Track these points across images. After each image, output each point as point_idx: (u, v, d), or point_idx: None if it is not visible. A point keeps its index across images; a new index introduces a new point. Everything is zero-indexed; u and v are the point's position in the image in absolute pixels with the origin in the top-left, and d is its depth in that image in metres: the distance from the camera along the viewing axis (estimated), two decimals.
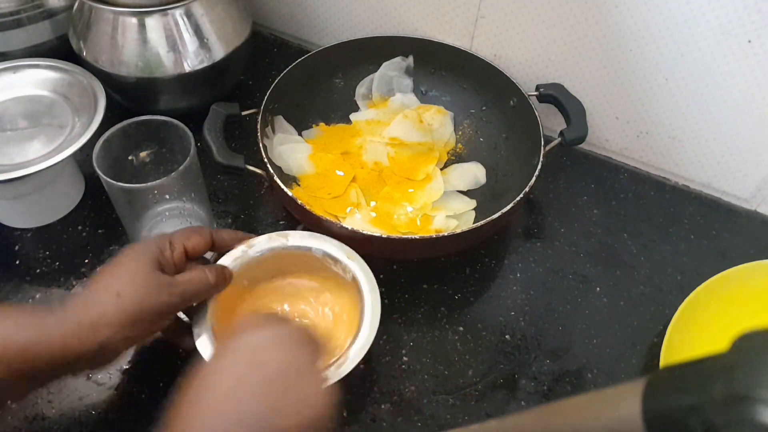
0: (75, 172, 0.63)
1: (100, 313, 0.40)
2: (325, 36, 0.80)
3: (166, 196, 0.53)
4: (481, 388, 0.52)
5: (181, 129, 0.51)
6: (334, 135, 0.69)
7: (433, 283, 0.58)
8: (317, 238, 0.51)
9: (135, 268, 0.42)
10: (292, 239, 0.50)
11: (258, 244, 0.50)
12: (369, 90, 0.72)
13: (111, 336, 0.40)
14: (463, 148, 0.69)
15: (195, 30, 0.63)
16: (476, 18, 0.68)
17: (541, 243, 0.62)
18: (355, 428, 0.49)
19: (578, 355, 0.54)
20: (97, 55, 0.63)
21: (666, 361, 0.49)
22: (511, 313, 0.57)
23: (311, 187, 0.63)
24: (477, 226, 0.53)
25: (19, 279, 0.57)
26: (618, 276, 0.60)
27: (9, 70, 0.61)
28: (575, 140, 0.60)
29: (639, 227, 0.64)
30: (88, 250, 0.59)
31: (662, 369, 0.36)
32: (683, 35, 0.58)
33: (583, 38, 0.63)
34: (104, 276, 0.42)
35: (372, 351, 0.46)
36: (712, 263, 0.58)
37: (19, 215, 0.60)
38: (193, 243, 0.46)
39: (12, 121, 0.58)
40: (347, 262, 0.49)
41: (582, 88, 0.66)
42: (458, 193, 0.65)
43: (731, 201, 0.67)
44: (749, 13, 0.54)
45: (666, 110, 0.64)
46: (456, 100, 0.72)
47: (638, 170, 0.70)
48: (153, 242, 0.45)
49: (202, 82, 0.66)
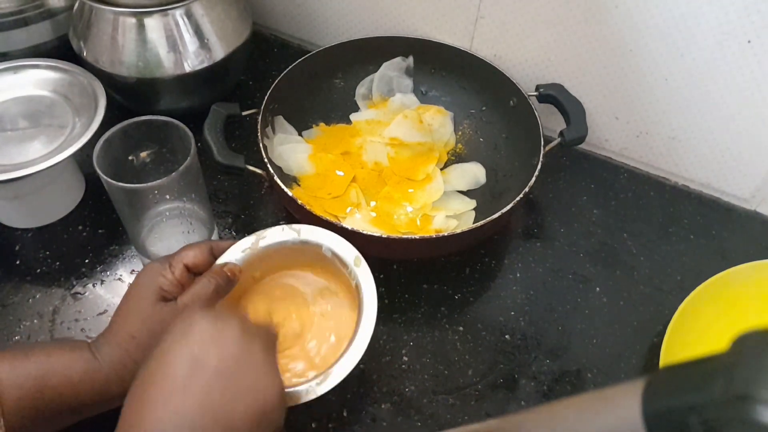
0: (75, 172, 0.63)
1: (124, 354, 0.43)
2: (325, 36, 0.80)
3: (166, 196, 0.53)
4: (481, 388, 0.52)
5: (182, 129, 0.51)
6: (334, 135, 0.69)
7: (433, 283, 0.58)
8: (328, 235, 0.50)
9: (141, 307, 0.44)
10: (304, 233, 0.50)
11: (270, 235, 0.50)
12: (369, 90, 0.72)
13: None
14: (463, 148, 0.69)
15: (195, 30, 0.63)
16: (476, 18, 0.68)
17: (541, 243, 0.62)
18: (355, 428, 0.49)
19: (578, 355, 0.54)
20: (97, 55, 0.63)
21: (666, 361, 0.49)
22: (511, 313, 0.57)
23: (311, 187, 0.63)
24: (477, 226, 0.53)
25: (19, 279, 0.57)
26: (618, 276, 0.60)
27: (9, 70, 0.61)
28: (575, 140, 0.61)
29: (639, 227, 0.64)
30: (88, 250, 0.59)
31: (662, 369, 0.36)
32: (683, 35, 0.58)
33: (583, 38, 0.63)
34: (117, 318, 0.44)
35: (372, 351, 0.46)
36: (712, 263, 0.58)
37: (19, 215, 0.60)
38: (193, 259, 0.46)
39: (12, 121, 0.58)
40: (353, 268, 0.48)
41: (582, 88, 0.66)
42: (458, 193, 0.65)
43: (731, 201, 0.67)
44: (749, 13, 0.54)
45: (666, 110, 0.64)
46: (456, 100, 0.72)
47: (638, 170, 0.70)
48: (153, 269, 0.45)
49: (203, 82, 0.66)
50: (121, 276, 0.58)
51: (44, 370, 0.41)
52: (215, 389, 0.35)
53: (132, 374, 0.42)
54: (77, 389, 0.41)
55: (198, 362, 0.36)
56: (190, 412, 0.34)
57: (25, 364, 0.41)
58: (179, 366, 0.36)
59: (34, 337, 0.53)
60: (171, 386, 0.35)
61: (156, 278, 0.44)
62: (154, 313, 0.43)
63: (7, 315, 0.55)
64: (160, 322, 0.43)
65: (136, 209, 0.53)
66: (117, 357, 0.43)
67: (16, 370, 0.40)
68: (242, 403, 0.35)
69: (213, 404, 0.35)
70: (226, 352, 0.37)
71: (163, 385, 0.35)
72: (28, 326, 0.54)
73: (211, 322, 0.38)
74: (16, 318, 0.54)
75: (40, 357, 0.42)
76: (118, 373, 0.42)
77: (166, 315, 0.43)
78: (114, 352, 0.43)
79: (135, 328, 0.43)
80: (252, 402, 0.36)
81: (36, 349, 0.43)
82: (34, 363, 0.41)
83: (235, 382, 0.36)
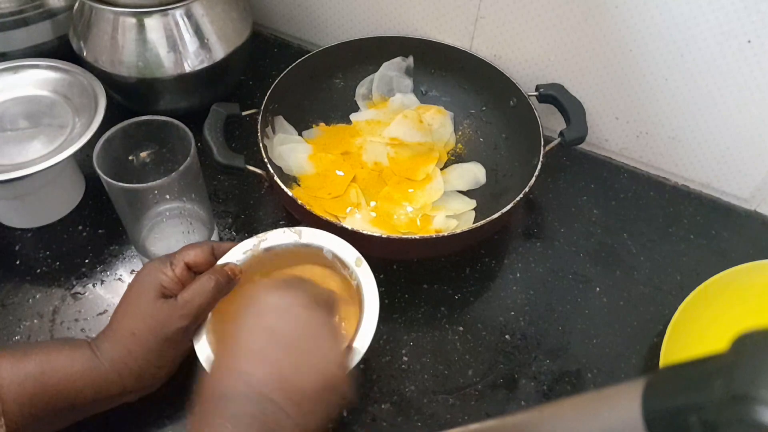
0: (75, 172, 0.63)
1: (124, 352, 0.43)
2: (325, 36, 0.80)
3: (166, 196, 0.53)
4: (481, 388, 0.52)
5: (182, 129, 0.51)
6: (334, 135, 0.69)
7: (433, 283, 0.58)
8: (329, 237, 0.50)
9: (141, 304, 0.44)
10: (305, 236, 0.50)
11: (271, 238, 0.50)
12: (369, 90, 0.72)
13: (143, 368, 0.43)
14: (463, 148, 0.69)
15: (195, 30, 0.63)
16: (476, 18, 0.68)
17: (541, 243, 0.62)
18: (355, 428, 0.49)
19: (578, 355, 0.54)
20: (97, 55, 0.63)
21: (666, 361, 0.49)
22: (511, 313, 0.57)
23: (311, 187, 0.63)
24: (477, 226, 0.53)
25: (19, 279, 0.57)
26: (618, 276, 0.60)
27: (9, 70, 0.61)
28: (575, 140, 0.61)
29: (639, 227, 0.64)
30: (88, 250, 0.59)
31: (662, 369, 0.36)
32: (683, 35, 0.58)
33: (583, 38, 0.63)
34: (118, 316, 0.45)
35: (372, 351, 0.46)
36: (712, 263, 0.58)
37: (19, 215, 0.60)
38: (194, 257, 0.46)
39: (12, 121, 0.58)
40: (355, 269, 0.48)
41: (582, 88, 0.66)
42: (458, 193, 0.65)
43: (731, 201, 0.67)
44: (749, 13, 0.54)
45: (666, 110, 0.64)
46: (456, 100, 0.72)
47: (638, 170, 0.70)
48: (154, 267, 0.46)
49: (203, 82, 0.66)
50: (121, 276, 0.58)
51: (45, 369, 0.41)
52: (286, 359, 0.37)
53: (132, 372, 0.43)
54: (78, 387, 0.42)
55: (272, 332, 0.38)
56: (265, 379, 0.36)
57: (26, 363, 0.41)
58: (255, 334, 0.38)
59: (34, 337, 0.53)
60: (246, 354, 0.37)
61: (157, 275, 0.45)
62: (155, 309, 0.43)
63: (7, 315, 0.55)
64: (160, 319, 0.43)
65: (136, 209, 0.53)
66: (117, 354, 0.43)
67: (17, 368, 0.41)
68: (311, 373, 0.37)
69: (284, 372, 0.36)
70: (297, 324, 0.39)
71: (239, 352, 0.37)
72: (28, 326, 0.54)
73: (280, 296, 0.40)
74: (16, 318, 0.54)
75: (40, 355, 0.42)
76: (118, 370, 0.43)
77: (166, 312, 0.43)
78: (115, 349, 0.43)
79: (135, 325, 0.43)
80: (319, 374, 0.37)
81: (36, 347, 0.43)
82: (34, 361, 0.41)
83: (304, 353, 0.38)
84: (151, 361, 0.43)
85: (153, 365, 0.44)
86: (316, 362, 0.38)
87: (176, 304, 0.44)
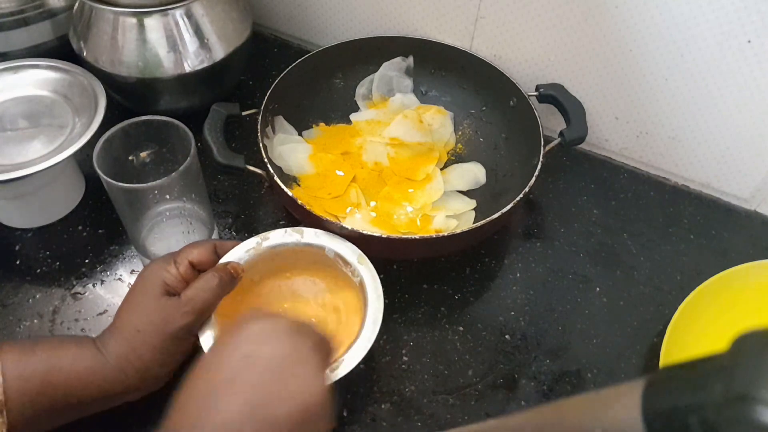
0: (75, 172, 0.63)
1: (128, 349, 0.43)
2: (325, 36, 0.80)
3: (166, 196, 0.53)
4: (481, 388, 0.52)
5: (182, 129, 0.51)
6: (334, 135, 0.69)
7: (433, 283, 0.58)
8: (331, 237, 0.51)
9: (145, 301, 0.44)
10: (307, 236, 0.51)
11: (273, 237, 0.50)
12: (369, 90, 0.72)
13: (147, 366, 0.43)
14: (463, 148, 0.69)
15: (195, 30, 0.63)
16: (476, 18, 0.68)
17: (541, 243, 0.62)
18: (355, 428, 0.49)
19: (578, 354, 0.54)
20: (97, 55, 0.63)
21: (666, 361, 0.49)
22: (511, 313, 0.57)
23: (311, 187, 0.63)
24: (477, 226, 0.53)
25: (19, 279, 0.57)
26: (618, 276, 0.60)
27: (9, 70, 0.61)
28: (575, 140, 0.61)
29: (639, 227, 0.64)
30: (88, 250, 0.59)
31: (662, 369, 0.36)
32: (683, 35, 0.58)
33: (583, 38, 0.63)
34: (122, 313, 0.45)
35: (372, 351, 0.46)
36: (712, 263, 0.58)
37: (19, 215, 0.60)
38: (197, 255, 0.46)
39: (12, 121, 0.58)
40: (357, 266, 0.49)
41: (582, 88, 0.66)
42: (458, 193, 0.65)
43: (731, 201, 0.67)
44: (749, 13, 0.54)
45: (666, 110, 0.64)
46: (456, 100, 0.72)
47: (638, 170, 0.70)
48: (158, 265, 0.46)
49: (203, 82, 0.66)
50: (121, 276, 0.58)
51: (50, 365, 0.41)
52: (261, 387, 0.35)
53: (136, 370, 0.43)
54: (82, 384, 0.42)
55: (249, 359, 0.36)
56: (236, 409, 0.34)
57: (31, 359, 0.41)
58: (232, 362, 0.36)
59: (34, 337, 0.53)
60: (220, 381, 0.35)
61: (160, 273, 0.45)
62: (159, 307, 0.44)
63: (7, 315, 0.55)
64: (164, 317, 0.43)
65: (136, 209, 0.53)
66: (122, 351, 0.43)
67: (22, 364, 0.41)
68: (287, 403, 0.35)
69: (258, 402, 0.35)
70: (277, 351, 0.37)
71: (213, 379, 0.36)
72: (28, 326, 0.54)
73: (262, 322, 0.38)
74: (16, 318, 0.54)
75: (45, 352, 0.42)
76: (122, 368, 0.43)
77: (170, 309, 0.44)
78: (119, 346, 0.43)
79: (140, 322, 0.43)
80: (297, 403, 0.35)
81: (42, 343, 0.43)
82: (39, 357, 0.41)
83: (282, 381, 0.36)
84: (155, 359, 0.43)
85: (157, 363, 0.44)
86: (294, 390, 0.36)
87: (180, 301, 0.44)
